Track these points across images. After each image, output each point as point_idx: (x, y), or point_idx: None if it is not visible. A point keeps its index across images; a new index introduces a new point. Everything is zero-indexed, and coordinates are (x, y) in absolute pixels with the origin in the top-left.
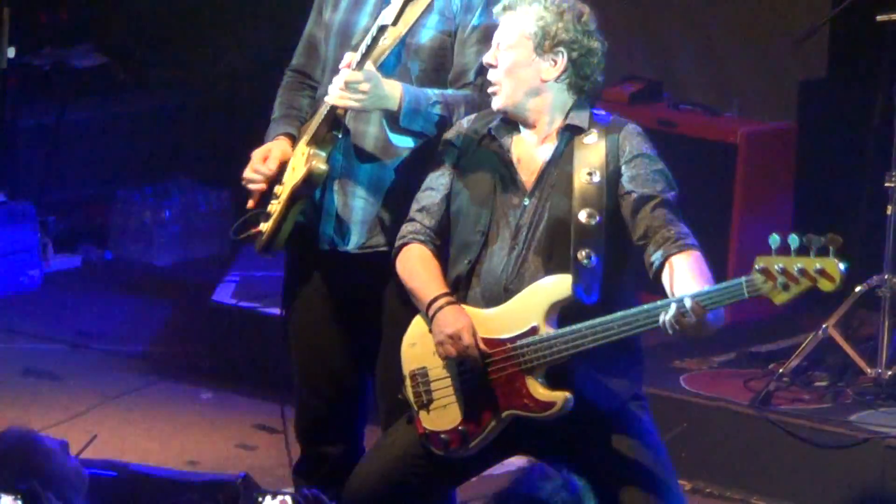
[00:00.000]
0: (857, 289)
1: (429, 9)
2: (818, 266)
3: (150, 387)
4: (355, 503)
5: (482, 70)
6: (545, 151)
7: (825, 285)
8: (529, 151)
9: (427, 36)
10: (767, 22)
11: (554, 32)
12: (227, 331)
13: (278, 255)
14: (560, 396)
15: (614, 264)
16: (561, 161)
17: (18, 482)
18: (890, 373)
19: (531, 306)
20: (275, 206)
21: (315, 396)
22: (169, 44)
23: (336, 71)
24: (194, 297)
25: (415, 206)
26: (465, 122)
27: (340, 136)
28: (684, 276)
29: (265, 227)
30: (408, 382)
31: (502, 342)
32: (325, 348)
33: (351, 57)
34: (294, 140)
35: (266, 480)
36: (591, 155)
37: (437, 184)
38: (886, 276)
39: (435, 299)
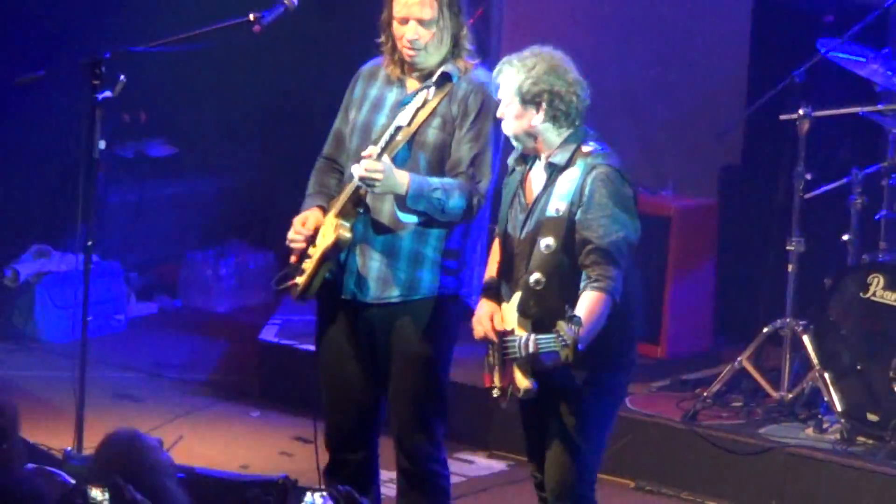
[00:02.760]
0: (765, 329)
1: (433, 113)
2: (570, 341)
3: (210, 407)
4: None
5: (473, 162)
6: (541, 179)
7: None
8: (535, 176)
9: (432, 135)
10: (695, 119)
11: (527, 88)
12: (272, 363)
13: (311, 303)
14: (524, 385)
15: (560, 285)
16: (547, 190)
17: (111, 476)
18: (791, 395)
19: (511, 312)
20: (308, 264)
21: (339, 415)
22: (226, 137)
23: (359, 159)
24: (246, 336)
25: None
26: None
27: (362, 211)
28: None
29: (300, 280)
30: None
31: (504, 333)
32: (348, 377)
33: (372, 149)
34: (324, 210)
35: (301, 481)
36: (564, 190)
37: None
38: (788, 320)
39: (481, 290)
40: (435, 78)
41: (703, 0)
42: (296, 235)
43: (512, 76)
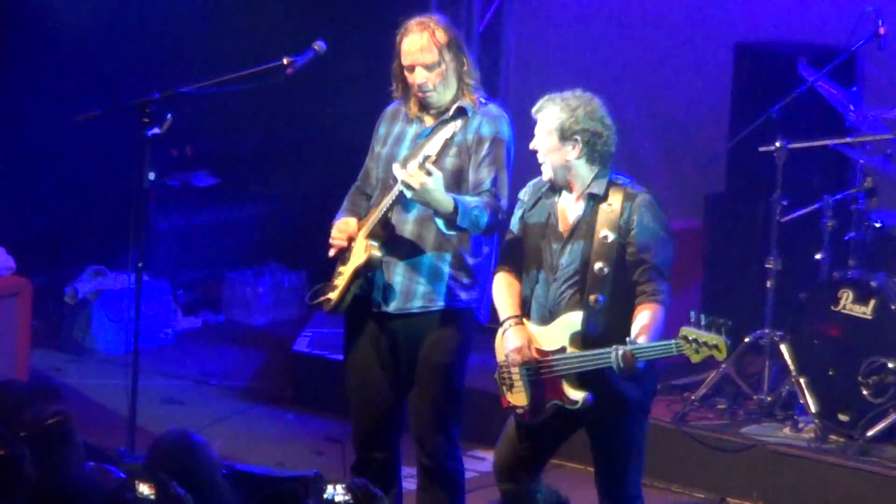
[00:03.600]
0: (746, 339)
1: (451, 142)
2: (714, 342)
3: (250, 410)
4: (499, 470)
5: (494, 182)
6: (578, 209)
7: (718, 355)
8: (568, 207)
9: (450, 162)
10: (682, 150)
11: (568, 125)
12: (304, 371)
13: (338, 316)
14: (581, 396)
15: (617, 303)
16: (587, 220)
17: (157, 473)
18: (770, 398)
19: (561, 331)
20: (340, 281)
21: (365, 417)
22: (263, 168)
23: (385, 188)
24: (281, 347)
25: (504, 241)
26: (532, 183)
27: (388, 233)
28: (637, 325)
29: (333, 295)
30: (498, 370)
31: (546, 353)
32: (373, 382)
33: (419, 160)
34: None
35: (331, 476)
36: (609, 218)
37: (513, 227)
38: (767, 331)
39: (505, 320)
40: (451, 113)
41: (689, 44)
42: (339, 234)
43: (554, 113)
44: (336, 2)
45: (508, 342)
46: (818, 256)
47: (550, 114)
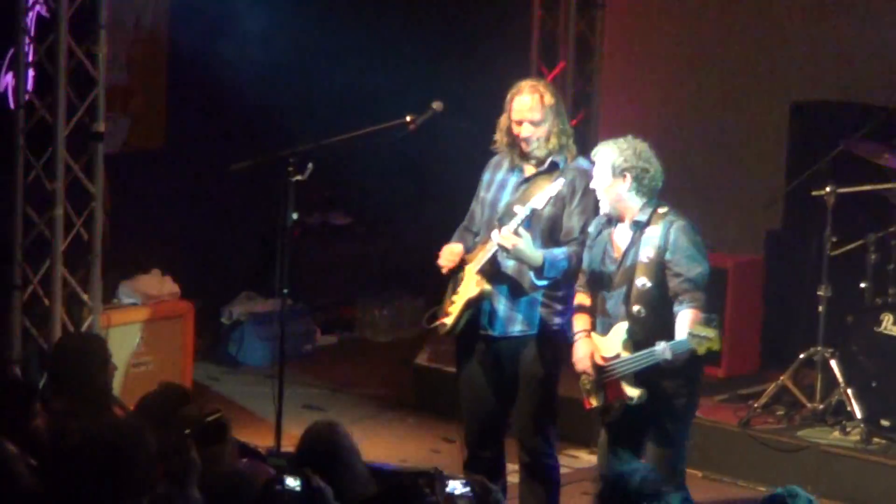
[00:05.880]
0: (802, 355)
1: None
2: (708, 335)
3: (379, 415)
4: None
5: (583, 230)
6: (627, 235)
7: (713, 346)
8: (620, 235)
9: (548, 210)
10: (746, 193)
11: (618, 164)
12: (424, 381)
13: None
14: (636, 393)
15: (657, 312)
16: (634, 244)
17: (302, 469)
18: (821, 406)
19: (615, 340)
20: (453, 309)
21: (474, 421)
22: (388, 210)
23: (489, 227)
24: (404, 361)
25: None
26: (596, 219)
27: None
28: (678, 325)
29: (447, 321)
30: (580, 378)
31: (606, 359)
32: (481, 392)
33: (512, 224)
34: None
35: (447, 472)
36: (651, 241)
37: (584, 257)
38: (819, 348)
39: (575, 334)
40: (547, 165)
41: (752, 102)
42: (450, 256)
43: (608, 154)
44: (449, 70)
45: (575, 353)
46: (863, 285)
47: (605, 154)
